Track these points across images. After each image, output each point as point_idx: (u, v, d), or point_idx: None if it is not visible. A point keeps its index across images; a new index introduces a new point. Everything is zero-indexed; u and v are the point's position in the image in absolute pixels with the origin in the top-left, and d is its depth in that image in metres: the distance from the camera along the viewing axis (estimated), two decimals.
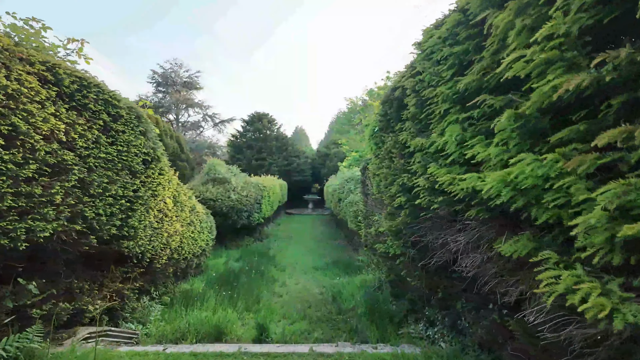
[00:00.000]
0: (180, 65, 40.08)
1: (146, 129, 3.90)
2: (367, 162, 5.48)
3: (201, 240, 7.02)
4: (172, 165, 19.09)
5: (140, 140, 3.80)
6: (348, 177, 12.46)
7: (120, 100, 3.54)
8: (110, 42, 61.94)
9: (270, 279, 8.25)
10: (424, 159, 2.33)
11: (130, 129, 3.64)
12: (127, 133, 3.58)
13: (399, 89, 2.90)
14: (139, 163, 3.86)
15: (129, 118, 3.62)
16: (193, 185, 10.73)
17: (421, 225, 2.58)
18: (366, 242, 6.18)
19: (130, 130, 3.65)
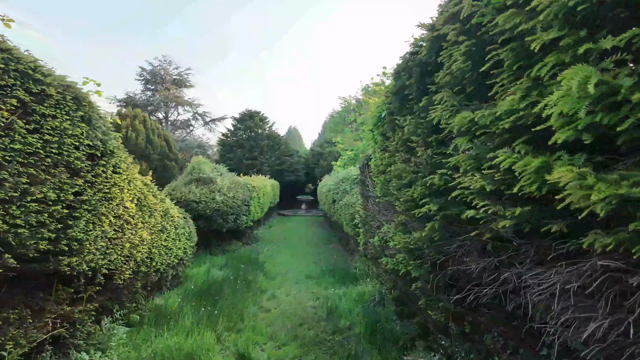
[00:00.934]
0: (170, 63, 38.97)
1: (90, 115, 3.05)
2: (368, 158, 4.70)
3: (177, 249, 6.17)
4: (160, 165, 18.10)
5: (81, 129, 2.94)
6: (343, 177, 11.67)
7: (49, 75, 2.68)
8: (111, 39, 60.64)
9: (257, 290, 7.42)
10: (478, 145, 1.54)
11: (64, 113, 2.78)
12: (60, 119, 2.73)
13: (425, 48, 2.08)
14: (81, 158, 3.01)
15: (61, 99, 2.77)
16: (174, 186, 9.85)
17: (461, 244, 1.81)
18: (366, 252, 5.37)
19: (65, 115, 2.79)
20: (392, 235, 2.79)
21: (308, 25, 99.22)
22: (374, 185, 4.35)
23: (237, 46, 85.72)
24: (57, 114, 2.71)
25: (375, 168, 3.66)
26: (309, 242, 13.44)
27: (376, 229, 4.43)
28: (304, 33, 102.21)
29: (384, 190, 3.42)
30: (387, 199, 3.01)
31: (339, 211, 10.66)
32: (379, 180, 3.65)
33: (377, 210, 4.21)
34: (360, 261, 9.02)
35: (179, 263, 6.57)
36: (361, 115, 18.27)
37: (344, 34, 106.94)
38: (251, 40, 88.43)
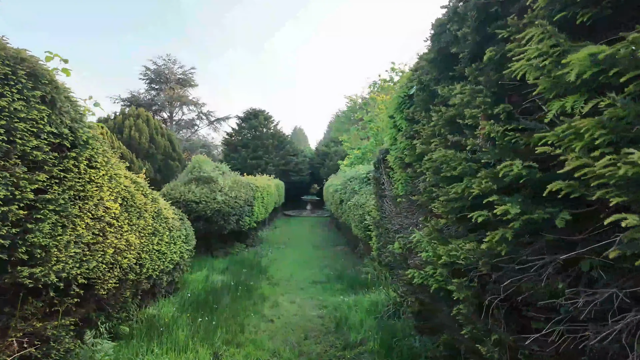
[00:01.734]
0: (174, 62, 38.77)
1: (54, 96, 2.52)
2: (385, 152, 4.14)
3: (172, 253, 5.64)
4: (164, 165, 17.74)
5: (40, 113, 2.41)
6: (351, 176, 11.11)
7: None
8: (108, 41, 60.70)
9: (259, 297, 6.87)
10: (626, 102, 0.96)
11: (15, 92, 2.26)
12: (8, 98, 2.20)
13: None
14: (43, 149, 2.48)
15: (9, 73, 2.23)
16: (173, 185, 9.35)
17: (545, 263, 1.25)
18: (380, 259, 4.81)
19: (16, 94, 2.27)
20: (423, 243, 2.23)
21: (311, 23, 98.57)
22: (392, 183, 3.79)
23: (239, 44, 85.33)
24: (4, 91, 2.18)
25: (395, 162, 3.10)
26: (315, 244, 12.88)
27: (394, 233, 3.86)
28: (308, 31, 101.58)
29: (408, 188, 2.86)
30: (414, 199, 2.45)
31: (347, 212, 10.10)
32: (401, 176, 3.09)
33: (396, 211, 3.64)
34: (371, 265, 8.46)
35: (174, 268, 6.05)
36: (368, 113, 17.72)
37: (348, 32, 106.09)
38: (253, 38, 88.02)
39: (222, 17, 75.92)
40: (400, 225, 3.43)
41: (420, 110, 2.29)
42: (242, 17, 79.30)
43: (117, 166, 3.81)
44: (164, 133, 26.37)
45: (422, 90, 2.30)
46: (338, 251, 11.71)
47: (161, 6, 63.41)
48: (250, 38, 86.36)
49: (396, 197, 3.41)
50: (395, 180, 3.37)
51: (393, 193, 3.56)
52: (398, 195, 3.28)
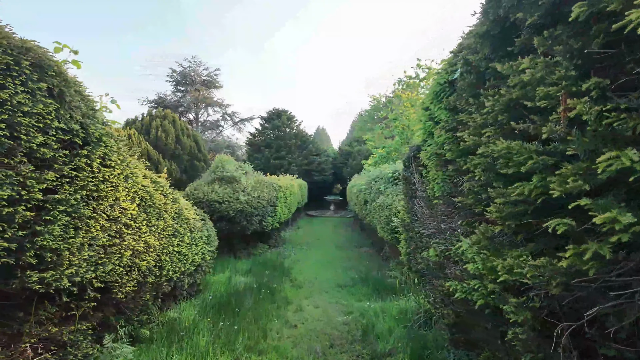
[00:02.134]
0: (199, 64, 39.48)
1: (63, 90, 2.36)
2: (416, 149, 3.80)
3: (194, 255, 5.51)
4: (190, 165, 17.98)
5: (48, 108, 2.25)
6: (376, 176, 10.73)
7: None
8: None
9: (282, 301, 6.65)
10: None
11: (19, 84, 2.10)
12: (10, 90, 2.05)
13: None
14: (51, 146, 2.32)
15: (12, 64, 2.07)
16: (197, 185, 9.30)
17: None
18: (411, 265, 4.46)
19: (20, 86, 2.11)
20: (469, 253, 1.90)
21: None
22: (425, 182, 3.44)
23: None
24: (6, 83, 2.03)
25: (431, 159, 2.77)
26: (339, 245, 12.58)
27: (427, 238, 3.52)
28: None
29: (446, 189, 2.52)
30: (457, 200, 2.12)
31: (371, 213, 9.74)
32: (437, 175, 2.75)
33: (429, 214, 3.29)
34: (398, 270, 8.09)
35: (196, 270, 5.92)
36: (393, 111, 17.24)
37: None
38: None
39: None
40: (436, 229, 3.09)
41: (467, 96, 1.96)
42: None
43: (134, 165, 3.66)
44: (190, 134, 26.83)
45: (469, 72, 1.96)
46: (362, 253, 11.36)
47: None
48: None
49: (431, 199, 3.07)
50: (430, 179, 3.03)
51: (427, 194, 3.22)
52: (433, 196, 2.94)
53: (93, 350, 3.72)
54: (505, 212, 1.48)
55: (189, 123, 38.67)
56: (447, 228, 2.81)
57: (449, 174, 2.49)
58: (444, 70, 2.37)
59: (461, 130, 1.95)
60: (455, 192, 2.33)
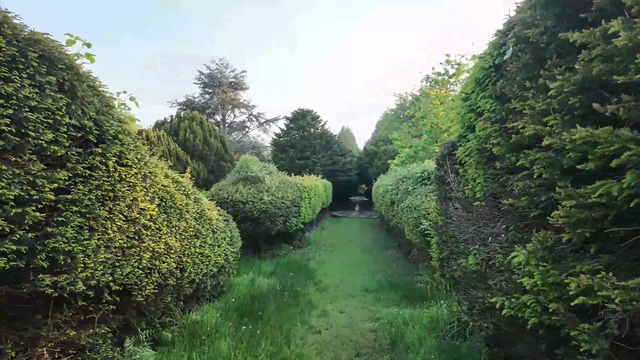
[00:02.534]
0: (226, 66, 40.10)
1: (74, 84, 2.24)
2: (452, 145, 3.48)
3: (216, 256, 5.39)
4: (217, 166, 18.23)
5: (57, 103, 2.13)
6: (403, 176, 10.34)
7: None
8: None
9: (307, 305, 6.45)
10: None
11: (26, 77, 1.98)
12: (17, 83, 1.93)
13: None
14: (63, 143, 2.21)
15: (17, 55, 1.96)
16: (221, 185, 9.27)
17: None
18: (444, 271, 4.14)
19: (27, 79, 1.99)
20: (527, 266, 1.59)
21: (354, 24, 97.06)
22: (462, 182, 3.12)
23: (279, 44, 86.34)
24: (13, 76, 1.92)
25: (472, 156, 2.46)
26: (364, 247, 12.26)
27: (464, 243, 3.20)
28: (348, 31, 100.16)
29: (490, 189, 2.22)
30: (507, 202, 1.81)
31: (399, 214, 9.37)
32: (478, 173, 2.44)
33: (467, 217, 2.97)
34: (427, 274, 7.70)
35: (219, 271, 5.81)
36: (421, 109, 16.70)
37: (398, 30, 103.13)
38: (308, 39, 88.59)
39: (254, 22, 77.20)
40: (475, 234, 2.76)
41: (521, 79, 1.64)
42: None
43: (153, 164, 3.55)
44: (217, 135, 27.27)
45: (524, 51, 1.65)
46: (389, 255, 11.00)
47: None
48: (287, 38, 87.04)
49: (469, 200, 2.75)
50: (469, 178, 2.72)
51: (464, 195, 2.90)
52: (473, 197, 2.63)
53: (113, 353, 3.64)
54: (575, 217, 1.19)
55: (216, 124, 39.40)
56: (490, 233, 2.49)
57: (493, 172, 2.18)
58: (488, 54, 2.06)
59: (512, 120, 1.65)
60: (501, 192, 2.02)
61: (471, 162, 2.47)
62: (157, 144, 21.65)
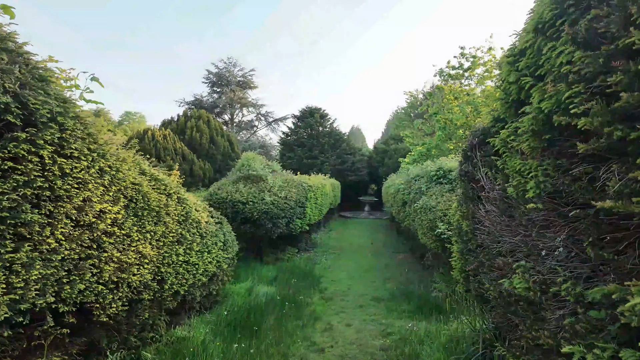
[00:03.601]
0: (235, 64, 39.76)
1: None
2: (482, 133, 2.79)
3: (206, 263, 4.79)
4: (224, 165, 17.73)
5: None
6: (416, 174, 9.62)
7: None
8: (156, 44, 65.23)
9: (310, 317, 5.80)
10: None
11: None
12: None
13: None
14: None
15: None
16: (220, 184, 8.69)
17: None
18: (468, 285, 3.46)
19: None
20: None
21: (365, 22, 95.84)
22: (502, 179, 2.44)
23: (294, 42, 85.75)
24: None
25: (523, 141, 1.78)
26: (374, 250, 11.55)
27: (499, 255, 2.52)
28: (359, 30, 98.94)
29: (551, 186, 1.55)
30: (603, 205, 1.16)
31: (411, 216, 8.65)
32: (532, 164, 1.76)
33: (508, 224, 2.29)
34: (443, 281, 6.98)
35: (211, 280, 5.21)
36: (434, 105, 15.90)
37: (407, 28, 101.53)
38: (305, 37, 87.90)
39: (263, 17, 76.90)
40: (522, 245, 2.08)
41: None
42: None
43: (118, 157, 2.94)
44: (224, 134, 26.86)
45: None
46: (400, 260, 10.28)
47: None
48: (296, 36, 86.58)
49: (512, 201, 2.08)
50: (514, 172, 2.03)
51: (507, 194, 2.21)
52: (520, 197, 1.94)
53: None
54: None
55: (224, 124, 39.06)
56: (548, 247, 1.81)
57: (553, 163, 1.50)
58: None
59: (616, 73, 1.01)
60: (579, 190, 1.35)
61: (527, 149, 1.79)
62: (163, 142, 21.33)
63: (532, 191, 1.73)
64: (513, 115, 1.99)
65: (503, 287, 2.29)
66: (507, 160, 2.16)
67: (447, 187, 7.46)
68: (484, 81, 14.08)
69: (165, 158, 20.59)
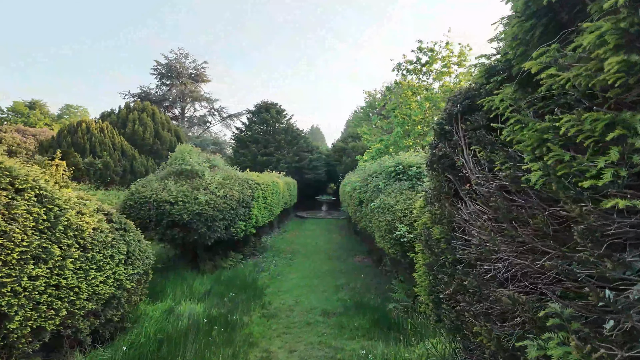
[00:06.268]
0: (186, 56, 37.39)
1: None
2: (464, 99, 1.88)
3: (95, 284, 3.54)
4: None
5: None
6: (373, 171, 8.82)
7: None
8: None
9: (245, 343, 4.70)
10: None
11: None
12: None
13: None
14: None
15: None
16: (146, 181, 7.30)
17: None
18: (440, 313, 2.57)
19: None
20: None
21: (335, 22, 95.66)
22: (500, 161, 1.50)
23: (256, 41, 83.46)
24: None
25: (579, 75, 0.86)
26: (329, 253, 10.64)
27: (490, 282, 1.61)
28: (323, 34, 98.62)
29: None
30: None
31: (367, 216, 7.81)
32: (610, 118, 0.82)
33: (510, 233, 1.36)
34: (401, 290, 6.18)
35: (107, 304, 3.95)
36: (392, 101, 15.36)
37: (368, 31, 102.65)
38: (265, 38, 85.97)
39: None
40: (560, 273, 1.15)
41: None
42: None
43: None
44: (171, 128, 24.79)
45: None
46: (357, 263, 9.44)
47: None
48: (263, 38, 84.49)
49: (536, 194, 1.18)
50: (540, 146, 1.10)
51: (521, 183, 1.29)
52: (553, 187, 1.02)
53: None
54: None
55: (174, 118, 36.52)
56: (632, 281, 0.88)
57: None
58: None
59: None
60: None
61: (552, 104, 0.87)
62: (99, 136, 19.09)
63: (608, 174, 0.80)
64: (542, 36, 1.09)
65: (514, 344, 1.36)
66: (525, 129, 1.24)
67: (408, 184, 6.68)
68: (442, 77, 13.69)
69: (102, 153, 18.43)
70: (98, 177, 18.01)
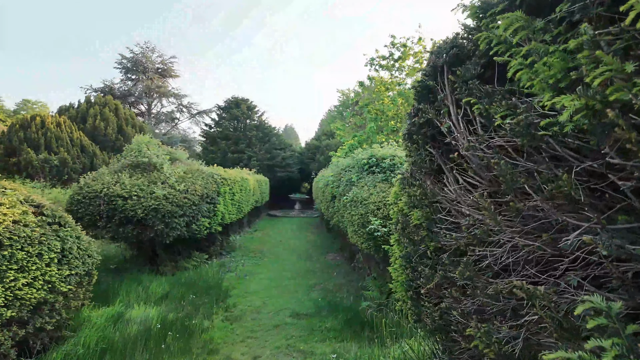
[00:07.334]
0: (153, 50, 35.77)
1: None
2: (453, 45, 1.54)
3: (16, 288, 2.97)
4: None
5: None
6: (347, 165, 8.50)
7: None
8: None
9: (203, 350, 4.21)
10: None
11: None
12: None
13: None
14: None
15: None
16: (97, 174, 6.61)
17: None
18: (419, 312, 2.20)
19: None
20: None
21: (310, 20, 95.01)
22: (502, 113, 1.14)
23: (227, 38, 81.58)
24: None
25: None
26: (301, 252, 10.23)
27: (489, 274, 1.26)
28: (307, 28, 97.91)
29: None
30: None
31: (340, 211, 7.48)
32: None
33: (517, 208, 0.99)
34: (375, 286, 5.88)
35: (36, 311, 3.36)
36: (364, 96, 15.17)
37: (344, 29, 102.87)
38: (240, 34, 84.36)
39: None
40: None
41: None
42: None
43: None
44: (136, 124, 23.47)
45: None
46: (330, 261, 9.09)
47: None
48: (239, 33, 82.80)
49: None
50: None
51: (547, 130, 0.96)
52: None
53: None
54: None
55: (140, 114, 34.85)
56: None
57: None
58: None
59: None
60: None
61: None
62: (56, 131, 17.76)
63: None
64: None
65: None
66: (546, 57, 0.89)
67: (381, 177, 6.39)
68: (414, 72, 13.60)
69: (58, 149, 17.13)
70: (54, 174, 16.71)
